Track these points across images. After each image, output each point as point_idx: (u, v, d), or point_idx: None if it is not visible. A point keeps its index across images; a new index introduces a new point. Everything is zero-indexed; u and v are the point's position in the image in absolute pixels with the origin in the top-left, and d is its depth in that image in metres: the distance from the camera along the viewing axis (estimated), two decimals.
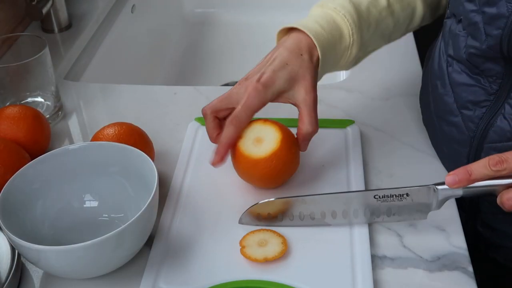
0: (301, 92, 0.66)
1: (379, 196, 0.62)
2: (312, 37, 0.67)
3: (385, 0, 0.72)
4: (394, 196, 0.62)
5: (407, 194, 0.62)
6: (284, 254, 0.62)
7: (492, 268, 0.77)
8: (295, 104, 0.67)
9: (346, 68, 0.74)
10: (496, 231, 0.74)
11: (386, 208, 0.63)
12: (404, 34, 0.78)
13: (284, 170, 0.68)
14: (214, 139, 0.68)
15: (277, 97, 0.66)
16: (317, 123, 0.67)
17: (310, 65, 0.67)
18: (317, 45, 0.67)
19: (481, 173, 0.56)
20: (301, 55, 0.67)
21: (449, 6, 0.70)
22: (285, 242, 0.63)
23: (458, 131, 0.69)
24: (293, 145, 0.67)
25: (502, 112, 0.64)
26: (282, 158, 0.66)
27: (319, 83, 0.71)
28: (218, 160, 0.67)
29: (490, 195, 0.58)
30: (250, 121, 0.67)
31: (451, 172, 0.57)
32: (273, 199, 0.64)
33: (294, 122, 0.69)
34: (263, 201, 0.64)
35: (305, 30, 0.67)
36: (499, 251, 0.77)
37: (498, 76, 0.63)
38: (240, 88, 0.66)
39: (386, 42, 0.76)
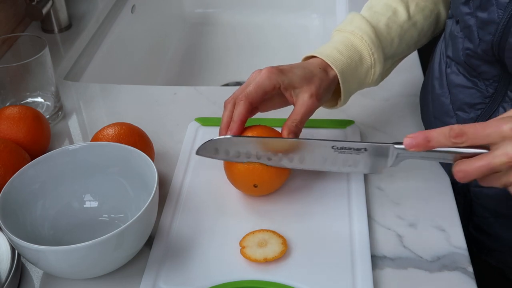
0: (306, 94, 0.67)
1: (337, 147, 0.63)
2: (330, 63, 0.69)
3: (404, 14, 0.73)
4: (352, 149, 0.62)
5: (365, 149, 0.62)
6: (284, 254, 0.62)
7: (484, 271, 0.77)
8: (294, 103, 0.68)
9: (375, 84, 0.75)
10: (488, 234, 0.74)
11: (342, 158, 0.63)
12: (430, 38, 0.78)
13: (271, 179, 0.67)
14: (225, 123, 0.68)
15: (285, 88, 0.67)
16: (301, 125, 0.67)
17: (324, 77, 0.68)
18: (334, 68, 0.69)
19: (440, 142, 0.54)
20: (319, 68, 0.69)
21: (451, 6, 0.70)
22: (285, 242, 0.63)
23: None
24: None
25: (496, 115, 0.64)
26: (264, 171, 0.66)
27: None
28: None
29: (446, 161, 0.57)
30: (260, 102, 0.67)
31: (410, 135, 0.56)
32: (229, 136, 0.64)
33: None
34: (219, 137, 0.64)
35: (322, 57, 0.69)
36: (491, 254, 0.77)
37: (495, 79, 0.63)
38: (257, 72, 0.68)
39: (413, 50, 0.77)
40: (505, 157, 0.51)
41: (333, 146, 0.63)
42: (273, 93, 0.67)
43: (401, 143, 0.59)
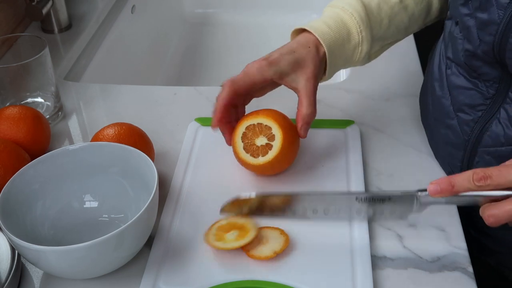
0: (302, 78, 0.68)
1: (361, 199, 0.62)
2: (318, 36, 0.69)
3: None
4: (376, 200, 0.62)
5: (389, 198, 0.61)
6: (288, 243, 0.62)
7: (484, 272, 0.77)
8: (295, 89, 0.69)
9: (362, 63, 0.75)
10: (489, 236, 0.74)
11: (367, 208, 0.63)
12: (422, 26, 0.78)
13: (282, 157, 0.68)
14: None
15: (279, 78, 0.68)
16: (315, 106, 0.69)
17: (315, 56, 0.69)
18: (322, 44, 0.69)
19: (464, 187, 0.55)
20: (309, 47, 0.69)
21: (449, 7, 0.70)
22: (283, 232, 0.63)
23: (453, 134, 0.69)
24: (292, 132, 0.69)
25: (498, 117, 0.64)
26: (282, 144, 0.67)
27: (322, 84, 0.73)
28: (215, 123, 0.69)
29: (473, 206, 0.57)
30: (246, 91, 0.69)
31: (434, 181, 0.56)
32: (254, 194, 0.64)
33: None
34: (244, 197, 0.64)
35: (311, 30, 0.70)
36: (492, 255, 0.77)
37: (495, 80, 0.63)
38: (249, 64, 0.69)
39: (404, 35, 0.77)
40: None
41: (356, 197, 0.62)
42: (264, 84, 0.69)
43: (425, 190, 0.59)
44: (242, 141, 0.69)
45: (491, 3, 0.58)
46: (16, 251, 0.62)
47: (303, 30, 0.72)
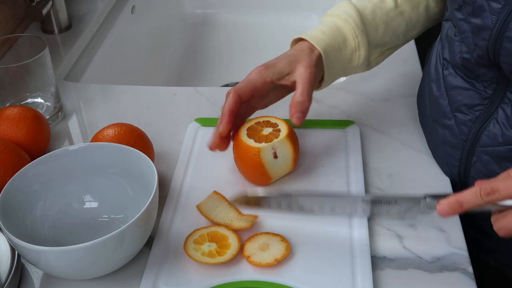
0: (299, 69, 0.69)
1: (366, 201, 0.61)
2: (312, 42, 0.71)
3: (391, 2, 0.74)
4: (382, 202, 0.61)
5: (395, 201, 0.60)
6: (289, 250, 0.62)
7: (484, 271, 0.77)
8: (293, 83, 0.70)
9: (362, 70, 0.76)
10: (488, 235, 0.74)
11: (372, 208, 0.61)
12: (423, 30, 0.79)
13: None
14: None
15: (278, 79, 0.70)
16: (309, 96, 0.68)
17: (310, 55, 0.70)
18: (317, 47, 0.70)
19: (473, 203, 0.54)
20: (303, 49, 0.71)
21: (447, 9, 0.70)
22: (284, 239, 0.63)
23: (451, 134, 0.69)
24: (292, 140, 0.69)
25: (495, 117, 0.64)
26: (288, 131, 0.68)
27: None
28: (224, 126, 0.68)
29: (484, 213, 0.57)
30: (250, 95, 0.69)
31: (442, 201, 0.55)
32: (262, 195, 0.63)
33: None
34: (252, 195, 0.63)
35: (306, 38, 0.72)
36: (491, 255, 0.77)
37: (493, 80, 0.63)
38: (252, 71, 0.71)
39: (403, 41, 0.78)
40: None
41: (362, 200, 0.61)
42: (265, 88, 0.70)
43: (433, 196, 0.58)
44: (247, 134, 0.69)
45: (484, 8, 0.58)
46: (16, 252, 0.62)
47: (300, 40, 0.73)
